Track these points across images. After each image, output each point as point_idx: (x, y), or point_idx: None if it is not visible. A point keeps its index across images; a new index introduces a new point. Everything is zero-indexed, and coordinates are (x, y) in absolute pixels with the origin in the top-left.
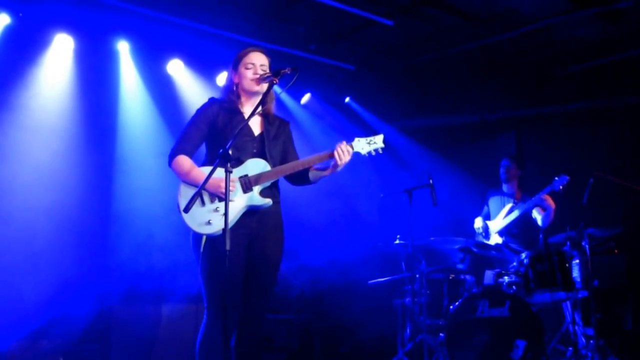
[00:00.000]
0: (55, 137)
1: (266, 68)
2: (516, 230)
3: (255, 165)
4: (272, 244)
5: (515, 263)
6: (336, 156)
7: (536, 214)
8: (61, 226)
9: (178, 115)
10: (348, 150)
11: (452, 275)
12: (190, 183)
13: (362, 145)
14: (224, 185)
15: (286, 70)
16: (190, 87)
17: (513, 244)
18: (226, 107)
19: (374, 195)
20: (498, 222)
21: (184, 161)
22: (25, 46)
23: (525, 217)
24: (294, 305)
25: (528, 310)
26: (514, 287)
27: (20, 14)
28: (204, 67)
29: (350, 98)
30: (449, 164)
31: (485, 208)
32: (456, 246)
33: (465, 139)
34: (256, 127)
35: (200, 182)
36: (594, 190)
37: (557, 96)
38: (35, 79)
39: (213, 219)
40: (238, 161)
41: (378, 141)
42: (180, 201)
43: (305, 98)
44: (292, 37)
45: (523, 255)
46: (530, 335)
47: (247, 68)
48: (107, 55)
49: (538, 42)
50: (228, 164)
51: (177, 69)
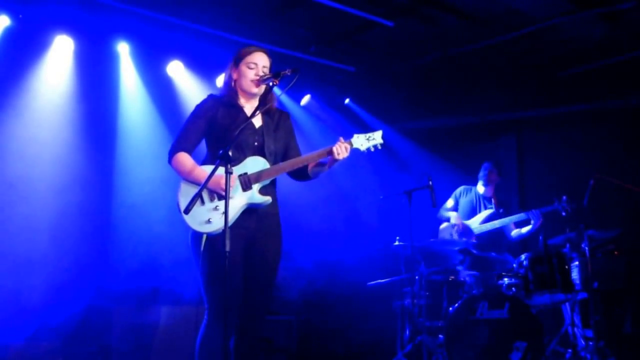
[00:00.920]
0: (55, 138)
1: (267, 70)
2: (486, 235)
3: (254, 163)
4: (271, 245)
5: (514, 265)
6: (335, 153)
7: (513, 226)
8: (61, 226)
9: (178, 116)
10: (346, 147)
11: (452, 276)
12: (191, 182)
13: (362, 141)
14: (224, 182)
15: (286, 71)
16: (190, 89)
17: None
18: (226, 103)
19: (374, 196)
20: (475, 226)
21: (185, 159)
22: (25, 48)
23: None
24: (294, 306)
25: (527, 312)
26: (514, 289)
27: (20, 16)
28: (204, 69)
29: (350, 99)
30: (449, 166)
31: (451, 201)
32: (456, 248)
33: (465, 141)
34: (257, 120)
35: (202, 182)
36: (594, 192)
37: (559, 97)
38: (35, 81)
39: (213, 218)
40: (239, 156)
41: (377, 137)
42: (180, 200)
43: (305, 99)
44: (292, 39)
45: (522, 256)
46: (529, 337)
47: (250, 68)
48: (107, 56)
49: (539, 44)
50: (228, 165)
51: (177, 71)
